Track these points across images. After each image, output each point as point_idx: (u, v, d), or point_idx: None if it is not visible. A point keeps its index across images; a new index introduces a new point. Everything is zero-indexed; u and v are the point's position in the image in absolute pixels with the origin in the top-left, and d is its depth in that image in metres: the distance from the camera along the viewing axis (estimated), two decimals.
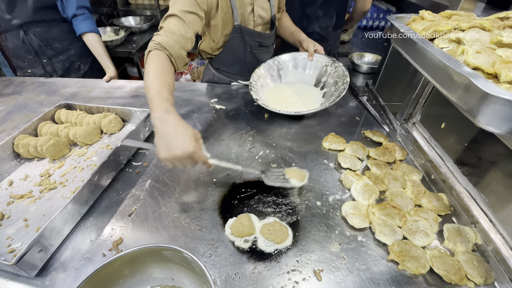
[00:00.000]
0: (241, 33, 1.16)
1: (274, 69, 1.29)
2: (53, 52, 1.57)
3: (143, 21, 2.69)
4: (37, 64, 1.59)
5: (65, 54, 1.61)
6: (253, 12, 1.16)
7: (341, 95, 1.03)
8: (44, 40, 1.52)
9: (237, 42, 1.20)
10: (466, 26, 0.60)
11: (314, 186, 0.85)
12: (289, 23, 1.39)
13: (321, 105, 1.11)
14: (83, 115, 1.05)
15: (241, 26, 1.14)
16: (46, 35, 1.51)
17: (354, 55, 1.75)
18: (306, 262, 0.65)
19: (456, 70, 0.46)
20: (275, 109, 1.04)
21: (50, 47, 1.55)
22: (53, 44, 1.55)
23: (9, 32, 1.48)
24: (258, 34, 1.21)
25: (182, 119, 0.68)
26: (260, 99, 1.11)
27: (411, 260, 0.63)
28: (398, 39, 0.77)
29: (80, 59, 1.67)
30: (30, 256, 0.59)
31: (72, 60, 1.64)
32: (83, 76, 1.70)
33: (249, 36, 1.19)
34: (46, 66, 1.60)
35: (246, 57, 1.27)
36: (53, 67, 1.61)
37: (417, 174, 0.88)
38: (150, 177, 0.88)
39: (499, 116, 0.41)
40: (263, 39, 1.24)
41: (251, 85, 1.16)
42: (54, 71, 1.63)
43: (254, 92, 1.13)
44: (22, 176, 0.87)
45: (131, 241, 0.69)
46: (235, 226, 0.70)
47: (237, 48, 1.23)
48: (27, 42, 1.50)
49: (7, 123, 1.14)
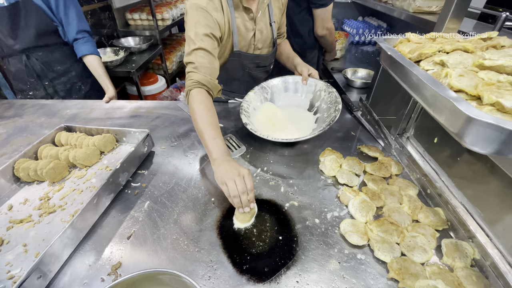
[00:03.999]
0: (239, 57, 1.19)
1: (268, 92, 1.29)
2: (54, 75, 1.61)
3: (142, 41, 2.77)
4: (39, 87, 1.62)
5: (66, 76, 1.65)
6: (254, 37, 1.18)
7: (331, 123, 1.01)
8: (46, 64, 1.56)
9: (235, 64, 1.23)
10: (450, 48, 0.63)
11: (312, 203, 0.85)
12: (288, 49, 1.40)
13: (313, 130, 1.11)
14: (82, 137, 1.06)
15: (241, 52, 1.17)
16: (48, 58, 1.56)
17: (348, 70, 1.80)
18: (306, 283, 0.65)
19: (440, 94, 0.49)
20: (263, 135, 1.02)
21: (52, 69, 1.59)
22: (54, 67, 1.59)
23: (12, 56, 1.52)
24: (256, 56, 1.24)
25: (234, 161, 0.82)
26: (251, 123, 1.09)
27: (410, 278, 0.64)
28: (386, 60, 0.80)
29: (81, 80, 1.71)
30: (30, 283, 0.59)
31: (73, 81, 1.68)
32: (84, 96, 1.73)
33: (248, 59, 1.22)
34: (48, 88, 1.64)
35: (244, 76, 1.31)
36: (54, 89, 1.65)
37: (413, 188, 0.89)
38: (148, 198, 0.88)
39: (483, 138, 0.43)
40: (261, 60, 1.27)
41: (242, 108, 1.15)
42: (56, 92, 1.66)
43: (245, 116, 1.12)
44: (21, 200, 0.88)
45: (130, 265, 0.69)
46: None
47: (235, 70, 1.26)
48: (29, 66, 1.54)
49: (8, 146, 1.16)
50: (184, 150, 1.11)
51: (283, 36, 1.41)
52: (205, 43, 0.97)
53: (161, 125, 1.28)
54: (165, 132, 1.22)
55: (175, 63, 3.31)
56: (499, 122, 0.42)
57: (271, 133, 1.06)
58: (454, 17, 0.97)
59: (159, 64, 3.08)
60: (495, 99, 0.46)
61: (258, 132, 1.04)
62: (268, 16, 1.20)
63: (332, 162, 0.97)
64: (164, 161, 1.05)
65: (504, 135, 0.42)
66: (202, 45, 0.96)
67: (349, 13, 2.96)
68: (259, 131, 1.05)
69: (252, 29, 1.15)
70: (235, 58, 1.19)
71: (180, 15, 3.26)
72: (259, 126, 1.14)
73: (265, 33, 1.21)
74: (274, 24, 1.23)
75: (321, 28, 1.56)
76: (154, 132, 1.21)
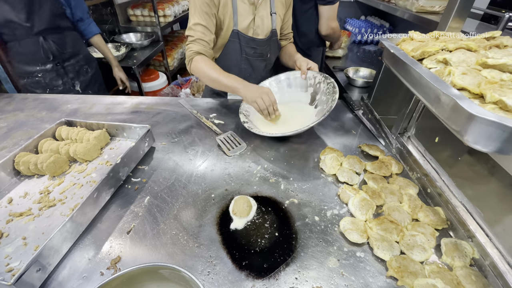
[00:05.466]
0: (238, 38, 1.23)
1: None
2: (67, 56, 1.73)
3: (143, 37, 2.76)
4: (50, 68, 1.69)
5: (75, 58, 1.78)
6: (253, 21, 1.22)
7: (326, 114, 1.00)
8: (60, 45, 1.67)
9: (234, 47, 1.26)
10: (453, 47, 0.63)
11: (312, 201, 0.85)
12: (292, 49, 1.42)
13: (311, 123, 1.10)
14: (83, 131, 1.06)
15: (239, 32, 1.21)
16: (61, 40, 1.67)
17: (350, 69, 1.80)
18: (305, 280, 0.65)
19: (443, 91, 0.49)
20: (258, 132, 1.05)
21: (64, 51, 1.70)
22: (67, 48, 1.72)
23: (25, 39, 1.57)
24: (253, 39, 1.25)
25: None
26: (250, 122, 1.13)
27: (409, 276, 0.64)
28: (389, 59, 0.80)
29: (88, 63, 1.85)
30: (29, 276, 0.59)
31: (81, 64, 1.81)
32: (90, 79, 1.88)
33: (245, 42, 1.25)
34: (59, 69, 1.73)
35: (242, 63, 1.33)
36: (65, 70, 1.75)
37: (413, 187, 0.89)
38: (149, 193, 0.88)
39: (485, 136, 0.43)
40: (258, 45, 1.28)
41: (241, 108, 1.19)
42: (66, 74, 1.76)
43: (244, 115, 1.15)
44: (21, 194, 0.88)
45: (129, 259, 0.69)
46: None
47: (234, 54, 1.29)
48: (46, 47, 1.62)
49: (8, 140, 1.16)
50: (185, 146, 1.11)
51: (289, 38, 1.42)
52: (203, 19, 1.12)
53: (162, 121, 1.27)
54: (165, 128, 1.22)
55: (176, 60, 3.30)
56: (502, 120, 0.41)
57: (269, 130, 1.07)
58: (457, 17, 0.96)
59: (161, 60, 3.07)
60: (498, 97, 0.46)
61: (254, 129, 1.06)
62: (269, 5, 1.24)
63: (332, 160, 0.97)
64: (165, 157, 1.05)
65: (507, 133, 0.41)
66: (200, 21, 1.12)
67: (352, 12, 2.95)
68: (257, 128, 1.06)
69: (252, 13, 1.20)
70: (234, 39, 1.24)
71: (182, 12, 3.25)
72: (259, 123, 1.14)
73: (265, 22, 1.25)
74: (275, 16, 1.25)
75: (325, 27, 1.55)
76: (155, 128, 1.21)
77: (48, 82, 1.71)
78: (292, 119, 1.20)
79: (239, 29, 1.21)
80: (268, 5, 1.24)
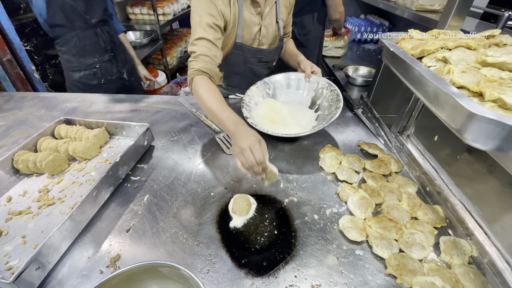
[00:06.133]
0: (242, 50, 1.19)
1: (270, 87, 1.29)
2: (116, 46, 1.80)
3: (143, 36, 2.75)
4: (107, 58, 1.75)
5: (121, 48, 1.87)
6: (259, 32, 1.18)
7: (331, 120, 1.00)
8: (111, 36, 1.75)
9: (238, 57, 1.22)
10: (453, 45, 0.63)
11: (312, 199, 0.86)
12: (292, 46, 1.41)
13: (313, 127, 1.10)
14: (82, 130, 1.06)
15: (243, 44, 1.16)
16: (112, 31, 1.76)
17: (349, 68, 1.80)
18: (304, 278, 0.65)
19: (442, 90, 0.49)
20: (263, 129, 1.01)
21: (114, 41, 1.78)
22: (115, 39, 1.79)
23: (85, 31, 1.61)
24: (259, 50, 1.23)
25: (248, 127, 0.83)
26: (252, 117, 1.10)
27: (408, 274, 0.64)
28: (388, 57, 0.80)
29: (124, 53, 1.91)
30: (28, 274, 0.59)
31: (124, 53, 1.90)
32: (132, 66, 1.96)
33: (250, 53, 1.21)
34: (113, 59, 1.78)
35: (245, 71, 1.30)
36: (116, 60, 1.80)
37: (412, 186, 0.89)
38: (148, 192, 0.88)
39: (484, 134, 0.43)
40: (264, 55, 1.26)
41: (243, 102, 1.15)
42: (117, 63, 1.81)
43: (246, 110, 1.12)
44: (20, 192, 0.88)
45: (128, 257, 0.69)
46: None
47: (237, 63, 1.25)
48: (103, 38, 1.69)
49: (7, 138, 1.15)
50: (184, 145, 1.11)
51: (288, 35, 1.41)
52: (207, 33, 0.98)
53: (161, 119, 1.27)
54: (165, 126, 1.22)
55: (176, 59, 3.29)
56: (501, 118, 0.41)
57: (271, 129, 1.06)
58: (457, 15, 0.96)
59: (160, 59, 3.06)
60: (497, 95, 0.46)
61: (259, 126, 1.03)
62: (275, 13, 1.19)
63: (332, 159, 0.97)
64: (164, 155, 1.05)
65: (506, 131, 0.42)
66: (204, 35, 0.98)
67: (351, 10, 2.95)
68: (259, 125, 1.04)
69: (258, 23, 1.15)
70: (237, 51, 1.19)
71: (181, 10, 3.24)
72: (259, 121, 1.14)
73: (270, 30, 1.21)
74: (281, 22, 1.23)
75: (335, 13, 1.70)
76: (154, 127, 1.21)
77: (104, 72, 1.75)
78: (292, 121, 1.20)
79: (243, 41, 1.16)
80: (274, 12, 1.18)
